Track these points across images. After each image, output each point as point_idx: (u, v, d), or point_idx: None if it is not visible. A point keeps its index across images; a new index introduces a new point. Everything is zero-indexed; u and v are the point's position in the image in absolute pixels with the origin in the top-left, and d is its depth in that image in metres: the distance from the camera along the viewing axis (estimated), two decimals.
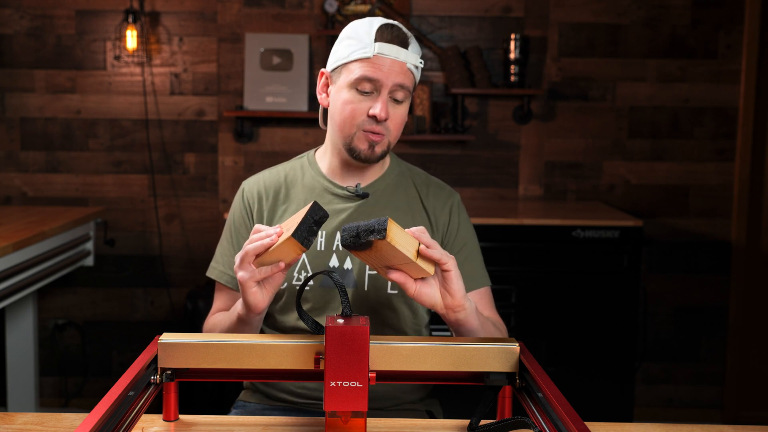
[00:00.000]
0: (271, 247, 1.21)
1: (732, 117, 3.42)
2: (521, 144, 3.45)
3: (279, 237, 1.22)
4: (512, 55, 3.28)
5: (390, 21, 1.47)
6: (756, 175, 3.46)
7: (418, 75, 1.48)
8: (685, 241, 3.47)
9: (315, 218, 1.20)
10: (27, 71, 3.39)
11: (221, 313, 1.53)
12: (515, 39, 3.26)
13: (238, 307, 1.38)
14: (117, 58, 3.38)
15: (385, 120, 1.42)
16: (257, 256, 1.23)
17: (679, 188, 3.45)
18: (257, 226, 1.27)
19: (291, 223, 1.24)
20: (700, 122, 3.43)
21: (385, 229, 1.15)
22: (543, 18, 3.39)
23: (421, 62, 1.46)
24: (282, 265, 1.24)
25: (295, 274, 1.48)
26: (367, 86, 1.42)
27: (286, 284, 1.49)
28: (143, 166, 3.44)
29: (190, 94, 3.41)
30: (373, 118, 1.42)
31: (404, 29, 1.46)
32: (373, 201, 1.52)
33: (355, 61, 1.42)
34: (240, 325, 1.40)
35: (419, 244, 1.21)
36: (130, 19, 3.28)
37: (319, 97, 1.52)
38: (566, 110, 3.43)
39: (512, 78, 3.30)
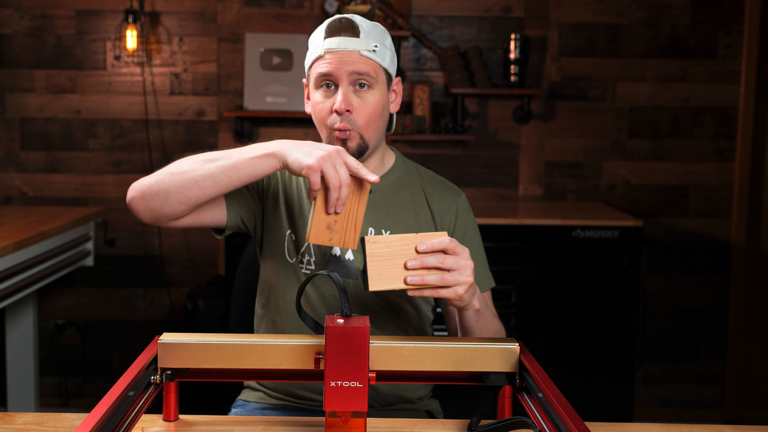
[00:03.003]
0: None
1: (732, 117, 3.42)
2: (521, 144, 3.45)
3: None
4: (512, 55, 3.28)
5: (342, 15, 1.46)
6: (756, 175, 3.46)
7: (383, 59, 1.44)
8: (685, 241, 3.47)
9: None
10: (27, 71, 3.39)
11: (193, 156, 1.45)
12: (515, 39, 3.26)
13: (253, 151, 1.32)
14: (117, 58, 3.38)
15: (347, 112, 1.41)
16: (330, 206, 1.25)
17: (679, 188, 3.45)
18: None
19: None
20: (700, 122, 3.43)
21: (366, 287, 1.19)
22: (543, 18, 3.39)
23: (376, 46, 1.42)
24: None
25: (299, 256, 1.48)
26: (325, 82, 1.43)
27: (294, 259, 1.48)
28: (143, 166, 3.44)
29: (190, 94, 3.42)
30: (336, 112, 1.42)
31: (356, 19, 1.44)
32: (376, 198, 1.52)
33: (313, 62, 1.44)
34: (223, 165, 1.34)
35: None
36: (130, 19, 3.28)
37: (305, 107, 1.54)
38: (566, 110, 3.43)
39: (512, 78, 3.30)
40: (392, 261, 1.21)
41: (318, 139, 1.55)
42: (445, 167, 3.43)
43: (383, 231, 1.50)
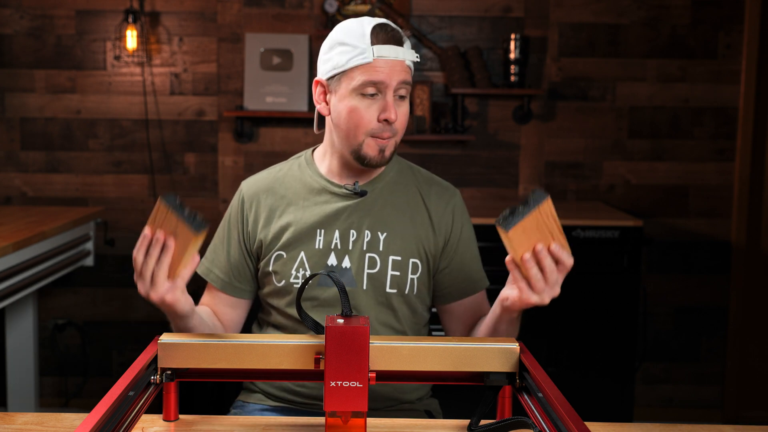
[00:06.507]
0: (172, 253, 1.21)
1: (732, 117, 3.42)
2: (521, 144, 3.45)
3: (169, 242, 1.19)
4: (512, 55, 3.28)
5: (381, 20, 1.45)
6: (756, 175, 3.46)
7: (413, 69, 1.50)
8: (685, 241, 3.46)
9: (178, 204, 1.18)
10: (27, 71, 3.39)
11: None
12: (515, 39, 3.26)
13: (176, 321, 1.38)
14: (117, 58, 3.38)
15: (395, 121, 1.43)
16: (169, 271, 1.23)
17: (679, 188, 3.45)
18: (136, 247, 1.22)
19: (156, 221, 1.20)
20: (700, 122, 3.43)
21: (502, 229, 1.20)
22: (543, 18, 3.39)
23: (417, 57, 1.46)
24: (197, 257, 1.25)
25: (293, 272, 1.48)
26: (371, 90, 1.41)
27: (284, 282, 1.49)
28: (143, 166, 3.44)
29: (190, 94, 3.42)
30: (385, 121, 1.42)
31: (396, 27, 1.45)
32: (372, 199, 1.52)
33: (356, 67, 1.41)
34: (186, 324, 1.40)
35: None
36: (130, 19, 3.28)
37: (318, 106, 1.50)
38: (566, 110, 3.43)
39: (512, 78, 3.30)
40: (537, 233, 1.22)
41: (318, 139, 1.56)
42: (445, 167, 3.43)
43: (379, 232, 1.49)
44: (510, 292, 1.28)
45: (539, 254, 1.21)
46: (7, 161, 3.43)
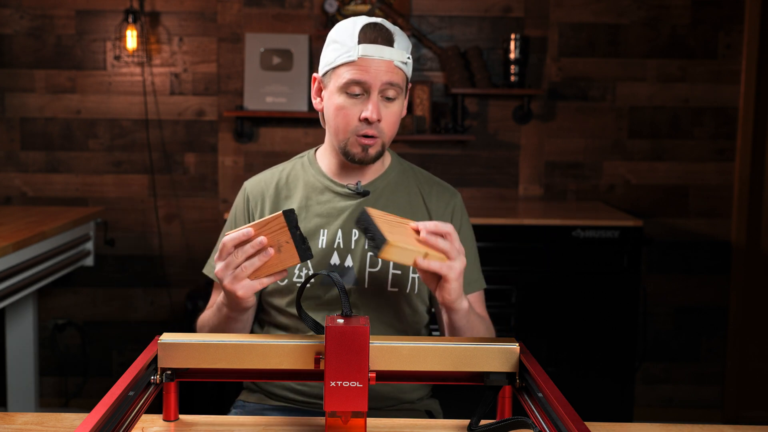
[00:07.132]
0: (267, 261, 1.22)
1: (732, 117, 3.42)
2: (521, 144, 3.45)
3: (269, 249, 1.20)
4: (512, 55, 3.28)
5: (374, 19, 1.44)
6: (756, 175, 3.46)
7: (409, 69, 1.46)
8: (685, 241, 3.47)
9: (295, 224, 1.20)
10: (27, 71, 3.39)
11: (209, 311, 1.53)
12: (515, 39, 3.26)
13: (225, 309, 1.38)
14: (117, 58, 3.38)
15: (378, 121, 1.42)
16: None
17: (679, 188, 3.45)
18: (233, 236, 1.22)
19: (266, 227, 1.21)
20: (700, 122, 3.43)
21: (379, 249, 1.16)
22: (543, 18, 3.39)
23: (409, 57, 1.44)
24: (285, 272, 1.26)
25: (296, 271, 1.48)
26: (356, 89, 1.41)
27: (285, 281, 1.49)
28: (143, 166, 3.44)
29: (190, 94, 3.42)
30: (365, 120, 1.42)
31: (388, 26, 1.44)
32: (374, 199, 1.53)
33: (342, 65, 1.42)
34: (232, 323, 1.41)
35: (422, 252, 1.21)
36: (130, 19, 3.28)
37: (313, 101, 1.53)
38: (566, 110, 3.43)
39: (512, 78, 3.30)
40: (398, 228, 1.20)
41: (318, 138, 1.55)
42: (445, 167, 3.43)
43: None
44: (437, 292, 1.28)
45: (426, 231, 1.21)
46: (7, 161, 3.43)
